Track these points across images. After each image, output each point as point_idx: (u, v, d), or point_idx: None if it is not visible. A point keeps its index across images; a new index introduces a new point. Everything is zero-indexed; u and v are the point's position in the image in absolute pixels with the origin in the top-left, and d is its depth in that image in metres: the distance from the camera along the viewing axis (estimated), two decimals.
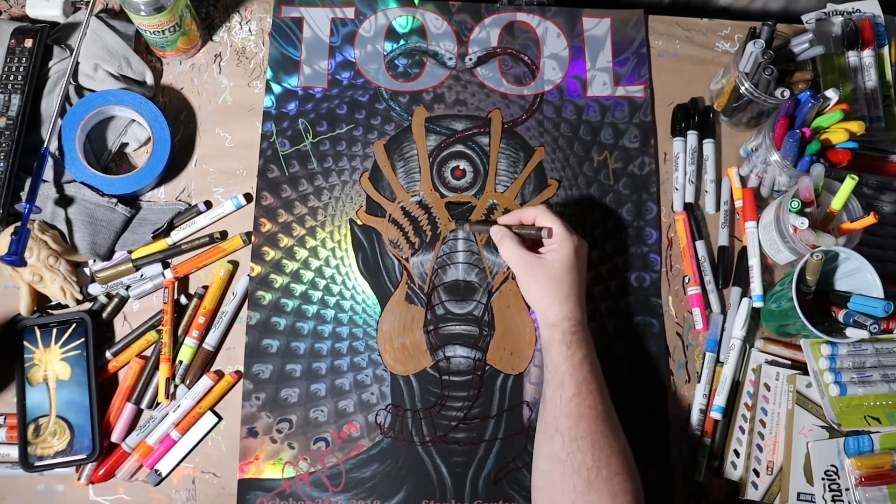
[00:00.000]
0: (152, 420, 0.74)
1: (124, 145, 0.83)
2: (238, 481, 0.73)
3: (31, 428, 0.72)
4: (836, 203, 0.74)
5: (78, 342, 0.75)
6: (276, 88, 0.85)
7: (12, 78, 0.78)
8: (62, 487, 0.73)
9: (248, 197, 0.82)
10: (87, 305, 0.78)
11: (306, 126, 0.84)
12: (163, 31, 0.79)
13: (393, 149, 0.84)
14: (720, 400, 0.76)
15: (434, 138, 0.85)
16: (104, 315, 0.77)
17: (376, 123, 0.85)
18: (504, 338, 0.78)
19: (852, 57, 0.87)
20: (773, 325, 0.78)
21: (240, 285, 0.79)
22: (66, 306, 0.77)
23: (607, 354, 0.78)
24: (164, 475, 0.73)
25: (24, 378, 0.73)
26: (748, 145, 0.84)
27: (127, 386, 0.75)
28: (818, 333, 0.71)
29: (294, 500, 0.73)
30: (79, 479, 0.73)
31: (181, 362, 0.75)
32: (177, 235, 0.80)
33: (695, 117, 0.86)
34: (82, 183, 0.78)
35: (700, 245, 0.82)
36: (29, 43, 0.80)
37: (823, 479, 0.74)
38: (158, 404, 0.75)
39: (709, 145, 0.85)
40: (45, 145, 0.76)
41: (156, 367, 0.76)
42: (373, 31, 0.88)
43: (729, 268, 0.82)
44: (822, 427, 0.75)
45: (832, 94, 0.77)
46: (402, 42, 0.88)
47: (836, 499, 0.73)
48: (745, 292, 0.81)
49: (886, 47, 0.88)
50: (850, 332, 0.72)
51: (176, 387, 0.75)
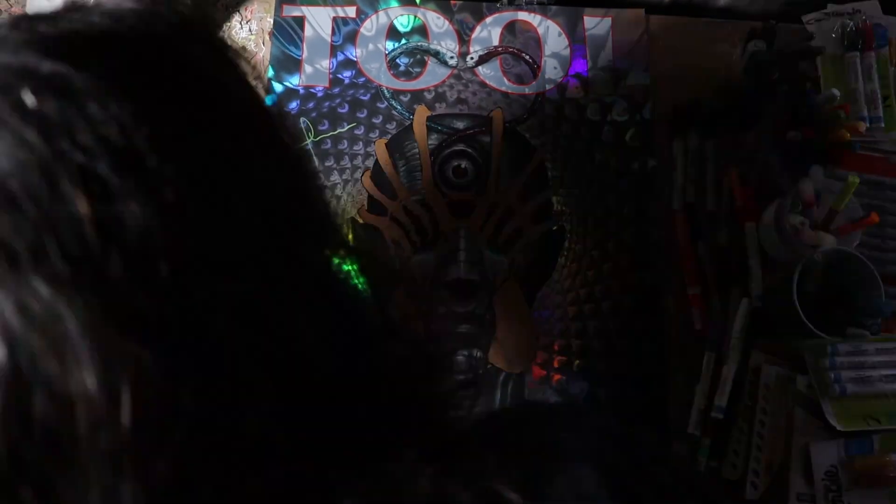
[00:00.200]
0: None
1: None
2: None
3: None
4: (837, 204, 0.74)
5: None
6: (278, 87, 0.85)
7: None
8: None
9: None
10: None
11: (308, 125, 0.84)
12: None
13: (394, 148, 0.84)
14: (719, 400, 0.76)
15: (435, 137, 0.85)
16: None
17: (378, 122, 0.85)
18: (505, 337, 0.78)
19: (852, 57, 0.88)
20: (774, 325, 0.78)
21: None
22: None
23: (608, 354, 0.78)
24: None
25: None
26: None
27: None
28: (818, 333, 0.71)
29: None
30: None
31: None
32: None
33: (695, 117, 0.86)
34: None
35: (700, 245, 0.82)
36: None
37: (823, 479, 0.74)
38: None
39: (709, 145, 0.85)
40: None
41: None
42: (374, 30, 0.88)
43: (729, 268, 0.82)
44: (822, 427, 0.75)
45: (832, 94, 0.77)
46: (403, 41, 0.88)
47: (835, 499, 0.73)
48: (745, 292, 0.81)
49: (886, 48, 0.88)
50: (850, 332, 0.72)
51: None
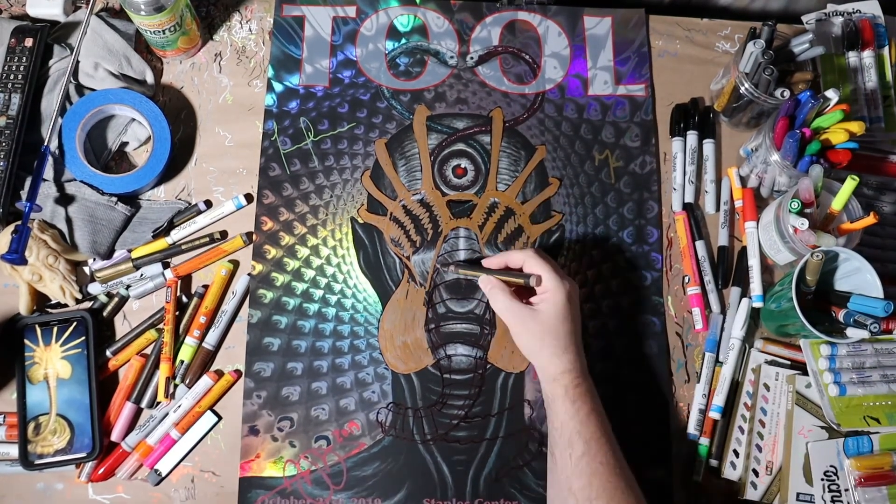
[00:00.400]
0: (152, 419, 0.74)
1: (124, 144, 0.83)
2: (239, 479, 0.73)
3: (32, 426, 0.72)
4: (837, 204, 0.74)
5: (78, 341, 0.74)
6: (278, 87, 0.85)
7: (12, 77, 0.78)
8: (61, 486, 0.73)
9: (248, 197, 0.81)
10: (87, 304, 0.78)
11: (308, 124, 0.84)
12: (163, 31, 0.79)
13: (394, 147, 0.84)
14: (719, 400, 0.76)
15: (435, 137, 0.85)
16: (104, 314, 0.77)
17: (378, 122, 0.85)
18: (505, 336, 0.78)
19: (852, 57, 0.88)
20: (773, 325, 0.78)
21: (239, 284, 0.79)
22: (66, 305, 0.77)
23: (608, 353, 0.78)
24: (163, 475, 0.73)
25: (24, 376, 0.73)
26: (748, 145, 0.85)
27: (127, 385, 0.75)
28: (818, 334, 0.71)
29: (295, 498, 0.73)
30: (79, 477, 0.73)
31: (182, 362, 0.75)
32: (177, 234, 0.79)
33: (695, 117, 0.86)
34: (82, 182, 0.78)
35: (700, 245, 0.82)
36: (29, 42, 0.79)
37: (823, 479, 0.74)
38: (158, 403, 0.75)
39: (709, 145, 0.86)
40: (45, 144, 0.76)
41: (156, 366, 0.75)
42: (374, 30, 0.88)
43: (729, 268, 0.82)
44: (822, 427, 0.76)
45: (832, 94, 0.77)
46: (403, 41, 0.88)
47: (835, 499, 0.73)
48: (745, 292, 0.81)
49: (886, 48, 0.88)
50: (849, 332, 0.72)
51: (176, 386, 0.75)
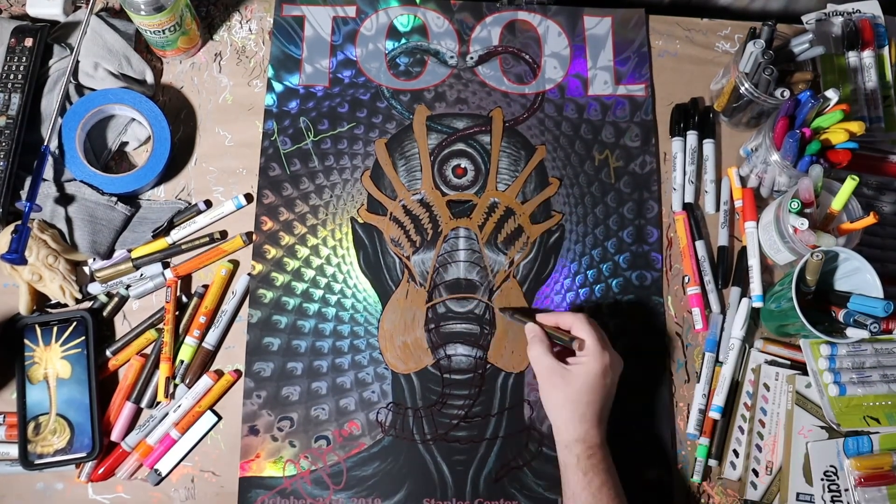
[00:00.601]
0: (152, 419, 0.74)
1: (124, 144, 0.83)
2: (239, 479, 0.73)
3: (32, 426, 0.72)
4: (837, 204, 0.74)
5: (78, 340, 0.74)
6: (278, 87, 0.85)
7: (12, 77, 0.78)
8: (61, 486, 0.73)
9: (248, 197, 0.81)
10: (87, 304, 0.78)
11: (308, 124, 0.84)
12: (163, 31, 0.79)
13: (394, 147, 0.84)
14: (719, 400, 0.76)
15: (435, 137, 0.85)
16: (104, 314, 0.77)
17: (378, 122, 0.85)
18: (505, 336, 0.78)
19: (852, 57, 0.88)
20: (773, 325, 0.78)
21: (239, 284, 0.79)
22: (66, 305, 0.77)
23: None
24: (163, 475, 0.73)
25: (24, 376, 0.73)
26: (748, 145, 0.85)
27: (127, 384, 0.75)
28: (817, 333, 0.71)
29: (295, 498, 0.73)
30: (78, 477, 0.73)
31: (181, 361, 0.75)
32: (177, 234, 0.79)
33: (694, 117, 0.86)
34: (82, 181, 0.78)
35: (700, 245, 0.82)
36: (29, 42, 0.79)
37: (823, 479, 0.74)
38: (158, 403, 0.75)
39: (709, 145, 0.86)
40: (45, 144, 0.76)
41: (156, 366, 0.75)
42: (374, 30, 0.88)
43: (728, 268, 0.82)
44: (822, 427, 0.76)
45: (832, 94, 0.77)
46: (403, 41, 0.88)
47: (835, 499, 0.73)
48: (745, 292, 0.81)
49: (886, 48, 0.88)
50: (849, 332, 0.72)
51: (175, 386, 0.75)
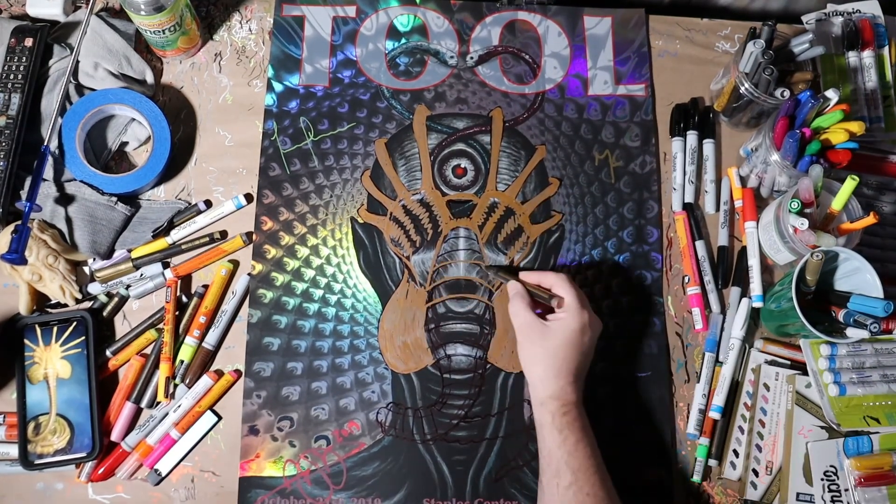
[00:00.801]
0: (152, 419, 0.74)
1: (124, 144, 0.83)
2: (239, 479, 0.73)
3: (32, 426, 0.72)
4: (837, 203, 0.74)
5: (78, 340, 0.74)
6: (278, 87, 0.85)
7: (12, 77, 0.78)
8: (61, 486, 0.73)
9: (248, 197, 0.81)
10: (87, 304, 0.78)
11: (308, 124, 0.84)
12: (163, 31, 0.79)
13: (394, 147, 0.84)
14: (719, 400, 0.76)
15: (435, 137, 0.85)
16: (104, 314, 0.77)
17: (378, 122, 0.85)
18: (505, 336, 0.78)
19: (852, 57, 0.88)
20: (773, 325, 0.78)
21: (239, 284, 0.79)
22: (66, 305, 0.77)
23: (608, 353, 0.78)
24: (163, 475, 0.73)
25: (24, 376, 0.73)
26: (748, 145, 0.85)
27: (127, 384, 0.75)
28: (817, 333, 0.71)
29: (295, 498, 0.73)
30: (78, 477, 0.73)
31: (181, 361, 0.75)
32: (177, 234, 0.79)
33: (694, 117, 0.86)
34: (82, 181, 0.78)
35: (700, 245, 0.82)
36: (29, 42, 0.79)
37: (823, 479, 0.74)
38: (158, 403, 0.75)
39: (709, 145, 0.86)
40: (45, 144, 0.76)
41: (156, 366, 0.75)
42: (374, 30, 0.88)
43: (728, 268, 0.82)
44: (822, 427, 0.76)
45: (832, 94, 0.77)
46: (403, 40, 0.88)
47: (835, 499, 0.73)
48: (745, 292, 0.81)
49: (886, 48, 0.88)
50: (849, 332, 0.72)
51: (175, 386, 0.75)
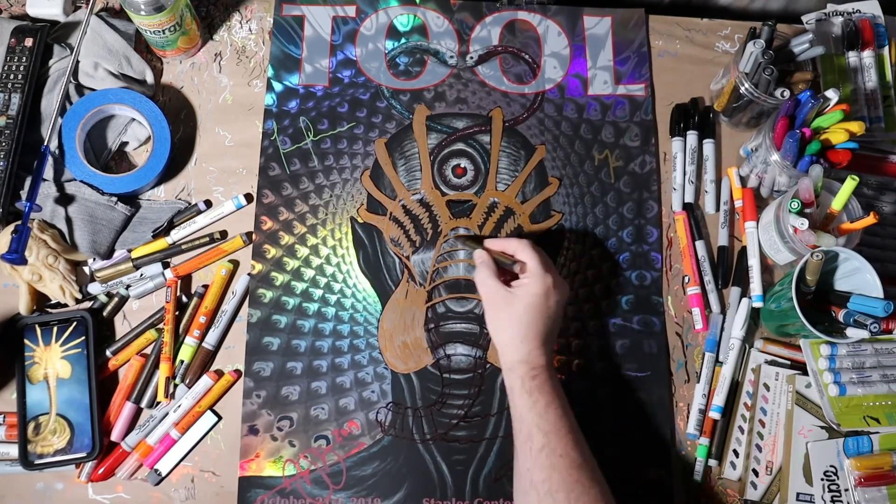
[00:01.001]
0: (152, 419, 0.74)
1: (124, 144, 0.83)
2: (239, 479, 0.73)
3: (32, 426, 0.72)
4: (837, 204, 0.74)
5: (78, 340, 0.74)
6: (278, 86, 0.85)
7: (12, 77, 0.78)
8: (61, 486, 0.73)
9: (248, 197, 0.81)
10: (87, 304, 0.78)
11: (307, 124, 0.84)
12: (163, 31, 0.79)
13: (394, 147, 0.84)
14: (719, 400, 0.76)
15: (435, 136, 0.85)
16: (104, 314, 0.77)
17: (377, 122, 0.85)
18: None
19: (852, 57, 0.88)
20: (773, 325, 0.78)
21: (239, 284, 0.79)
22: (66, 305, 0.77)
23: (608, 353, 0.78)
24: (163, 475, 0.73)
25: (24, 376, 0.73)
26: (748, 145, 0.85)
27: (127, 384, 0.75)
28: (818, 333, 0.71)
29: (295, 497, 0.73)
30: (78, 477, 0.73)
31: (182, 361, 0.75)
32: (177, 234, 0.79)
33: (694, 117, 0.86)
34: (82, 181, 0.78)
35: (700, 245, 0.82)
36: (29, 42, 0.79)
37: (823, 479, 0.74)
38: (158, 403, 0.75)
39: (709, 145, 0.85)
40: (45, 144, 0.76)
41: (155, 366, 0.75)
42: (374, 30, 0.88)
43: (728, 268, 0.82)
44: (822, 427, 0.76)
45: (832, 94, 0.77)
46: (403, 40, 0.88)
47: (835, 499, 0.73)
48: (745, 292, 0.81)
49: (886, 48, 0.88)
50: (849, 332, 0.72)
51: (175, 386, 0.75)
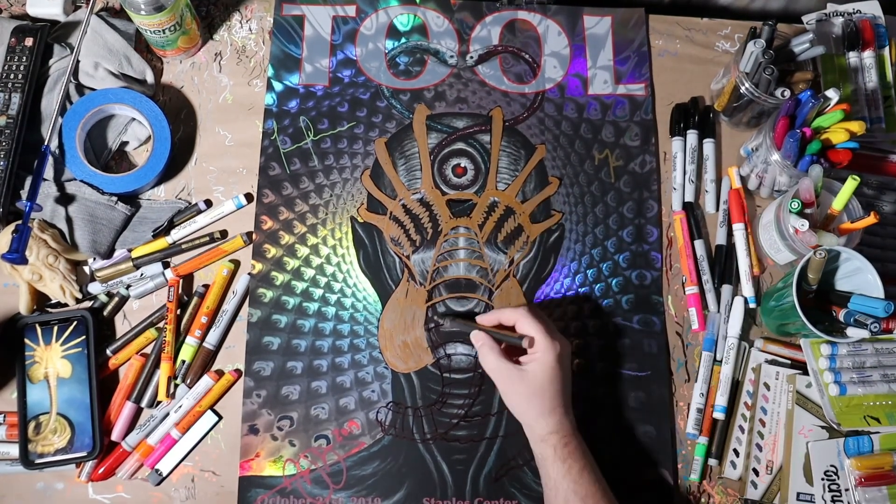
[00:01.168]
0: (152, 419, 0.74)
1: (124, 144, 0.83)
2: (239, 479, 0.73)
3: (32, 425, 0.72)
4: (838, 204, 0.74)
5: (79, 340, 0.74)
6: (278, 86, 0.85)
7: (13, 76, 0.78)
8: (61, 485, 0.73)
9: (248, 197, 0.81)
10: (88, 304, 0.78)
11: (308, 124, 0.84)
12: (163, 31, 0.79)
13: (394, 146, 0.84)
14: (722, 400, 0.76)
15: (435, 136, 0.85)
16: (105, 313, 0.77)
17: (377, 121, 0.85)
18: None
19: (853, 57, 0.88)
20: (774, 324, 0.78)
21: (240, 284, 0.79)
22: (66, 305, 0.77)
23: (608, 353, 0.78)
24: (164, 475, 0.73)
25: (24, 375, 0.73)
26: (748, 145, 0.85)
27: (127, 384, 0.75)
28: (818, 333, 0.71)
29: (295, 497, 0.73)
30: (79, 476, 0.73)
31: (183, 361, 0.75)
32: (177, 234, 0.80)
33: (694, 117, 0.86)
34: (82, 181, 0.78)
35: (699, 244, 0.82)
36: (29, 41, 0.79)
37: (823, 479, 0.74)
38: (159, 403, 0.75)
39: (709, 145, 0.85)
40: (45, 143, 0.76)
41: (156, 366, 0.75)
42: (374, 29, 0.88)
43: (726, 267, 0.82)
44: (822, 427, 0.75)
45: (832, 94, 0.77)
46: (403, 40, 0.88)
47: (835, 499, 0.73)
48: (737, 291, 0.81)
49: (887, 48, 0.88)
50: (850, 331, 0.72)
51: (176, 386, 0.75)
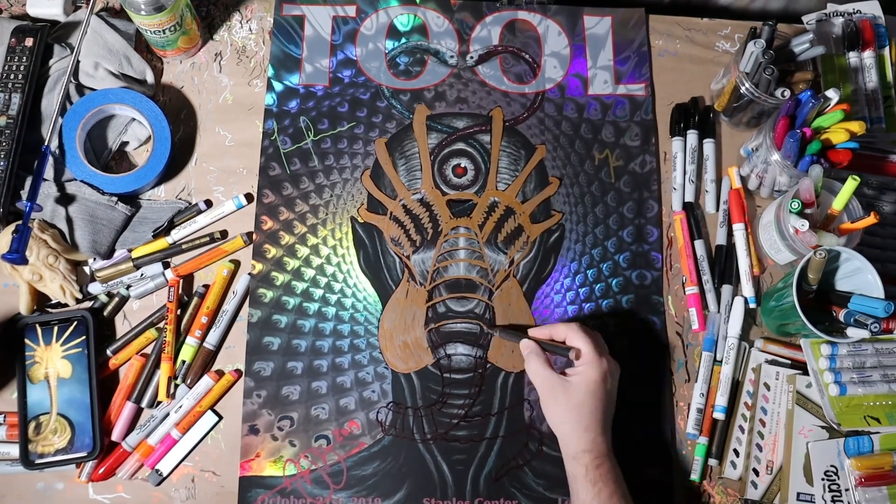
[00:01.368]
0: (153, 419, 0.74)
1: (124, 144, 0.83)
2: (239, 479, 0.73)
3: (32, 425, 0.72)
4: (838, 204, 0.74)
5: (79, 340, 0.74)
6: (278, 86, 0.85)
7: (13, 77, 0.78)
8: (62, 486, 0.73)
9: (248, 197, 0.81)
10: (88, 304, 0.78)
11: (308, 124, 0.84)
12: (163, 31, 0.79)
13: (394, 147, 0.84)
14: (722, 400, 0.76)
15: (435, 136, 0.85)
16: (105, 313, 0.77)
17: (378, 121, 0.85)
18: None
19: (853, 57, 0.88)
20: (774, 324, 0.78)
21: (240, 284, 0.79)
22: (66, 305, 0.77)
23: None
24: (164, 475, 0.73)
25: (24, 375, 0.73)
26: (748, 145, 0.85)
27: (128, 384, 0.75)
28: (818, 333, 0.71)
29: (295, 497, 0.73)
30: (79, 476, 0.73)
31: (183, 362, 0.75)
32: (177, 234, 0.80)
33: (695, 117, 0.86)
34: (83, 181, 0.78)
35: (699, 244, 0.82)
36: (29, 42, 0.79)
37: (823, 479, 0.74)
38: (159, 403, 0.75)
39: (709, 145, 0.85)
40: (45, 144, 0.76)
41: (156, 366, 0.75)
42: (374, 30, 0.88)
43: (726, 267, 0.82)
44: (822, 427, 0.75)
45: (832, 94, 0.77)
46: (403, 40, 0.88)
47: (835, 499, 0.73)
48: (737, 291, 0.81)
49: (887, 48, 0.88)
50: (850, 331, 0.72)
51: (176, 386, 0.75)
